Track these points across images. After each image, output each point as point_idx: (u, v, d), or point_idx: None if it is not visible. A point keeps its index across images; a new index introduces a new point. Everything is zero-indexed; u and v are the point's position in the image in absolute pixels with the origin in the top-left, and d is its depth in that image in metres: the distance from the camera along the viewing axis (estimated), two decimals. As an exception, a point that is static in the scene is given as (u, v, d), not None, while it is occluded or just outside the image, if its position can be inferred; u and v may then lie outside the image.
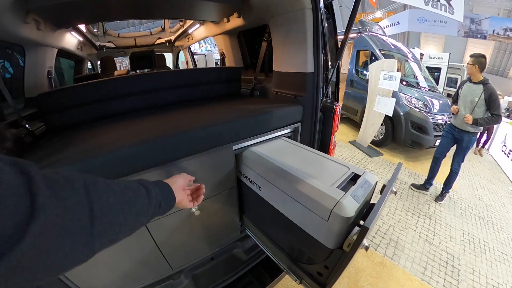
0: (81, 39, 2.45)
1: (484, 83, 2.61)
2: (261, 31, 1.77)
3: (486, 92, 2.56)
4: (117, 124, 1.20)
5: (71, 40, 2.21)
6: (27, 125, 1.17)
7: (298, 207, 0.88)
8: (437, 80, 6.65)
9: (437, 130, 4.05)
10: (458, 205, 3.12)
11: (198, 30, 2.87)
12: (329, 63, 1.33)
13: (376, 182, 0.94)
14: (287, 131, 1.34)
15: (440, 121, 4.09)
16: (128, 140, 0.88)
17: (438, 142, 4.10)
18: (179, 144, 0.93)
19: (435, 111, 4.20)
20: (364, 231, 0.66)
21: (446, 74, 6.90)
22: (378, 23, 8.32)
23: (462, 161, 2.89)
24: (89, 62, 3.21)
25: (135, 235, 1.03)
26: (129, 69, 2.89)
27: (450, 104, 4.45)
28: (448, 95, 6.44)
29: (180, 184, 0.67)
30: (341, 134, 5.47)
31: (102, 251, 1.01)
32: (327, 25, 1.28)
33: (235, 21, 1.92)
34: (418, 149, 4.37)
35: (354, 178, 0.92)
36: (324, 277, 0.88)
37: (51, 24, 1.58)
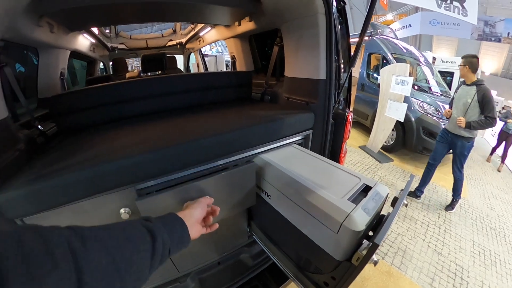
0: (93, 41, 2.49)
1: (477, 84, 2.52)
2: (273, 34, 1.76)
3: (479, 93, 2.46)
4: (128, 129, 1.20)
5: (83, 42, 2.25)
6: (39, 126, 1.20)
7: (308, 217, 0.87)
8: (449, 85, 6.47)
9: (449, 136, 3.95)
10: (469, 214, 3.04)
11: (209, 33, 2.88)
12: (342, 68, 1.31)
13: (388, 194, 0.93)
14: (298, 138, 1.32)
15: (452, 128, 3.98)
16: (140, 146, 0.89)
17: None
18: (189, 151, 0.93)
19: (448, 117, 4.10)
20: (374, 247, 0.65)
21: (459, 78, 6.71)
22: (390, 26, 8.19)
23: (462, 167, 2.78)
24: (101, 63, 3.28)
25: None
26: (140, 71, 2.94)
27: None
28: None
29: (198, 217, 0.61)
30: (351, 139, 5.40)
31: None
32: (339, 29, 1.26)
33: (247, 25, 1.91)
34: (428, 155, 4.28)
35: (366, 189, 0.90)
36: (330, 287, 0.88)
37: (64, 27, 1.61)
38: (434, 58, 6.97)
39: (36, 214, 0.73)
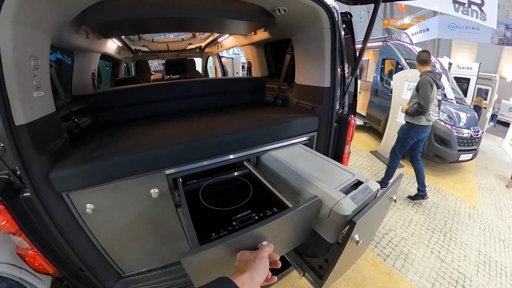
0: (120, 44, 2.74)
1: (420, 75, 2.71)
2: (286, 42, 1.89)
3: (418, 83, 2.68)
4: (155, 125, 1.40)
5: (112, 45, 2.50)
6: (75, 120, 1.40)
7: None
8: (465, 92, 6.28)
9: (462, 144, 3.89)
10: (477, 224, 3.00)
11: (227, 40, 3.08)
12: (346, 76, 1.41)
13: (378, 189, 1.02)
14: (304, 139, 1.46)
15: (466, 135, 3.92)
16: (167, 140, 1.08)
17: (462, 156, 3.97)
18: (209, 145, 1.11)
19: (461, 124, 4.02)
20: (352, 225, 0.75)
21: (476, 85, 6.48)
22: (406, 30, 8.04)
23: (397, 152, 3.14)
24: (124, 64, 3.53)
25: (167, 218, 1.22)
26: (164, 74, 3.16)
27: (477, 117, 4.26)
28: (476, 108, 6.08)
29: (260, 281, 0.51)
30: (363, 143, 5.40)
31: (138, 231, 1.22)
32: (344, 42, 1.37)
33: (262, 34, 2.08)
34: (440, 163, 4.22)
35: (357, 184, 1.02)
36: (324, 270, 0.98)
37: (98, 34, 1.85)
38: (450, 64, 6.77)
39: (79, 190, 0.91)
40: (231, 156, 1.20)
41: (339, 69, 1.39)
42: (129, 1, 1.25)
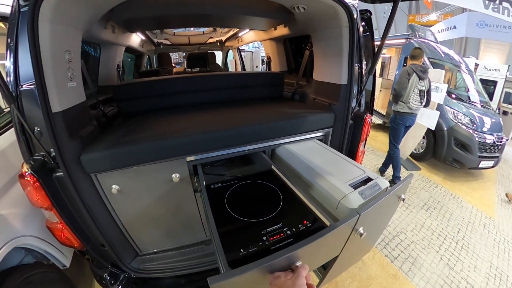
0: (143, 37, 2.84)
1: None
2: (306, 38, 1.90)
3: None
4: (178, 116, 1.49)
5: (135, 39, 2.61)
6: (102, 108, 1.49)
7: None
8: (491, 95, 5.90)
9: (483, 150, 3.71)
10: (492, 235, 2.88)
11: (248, 35, 3.11)
12: (364, 74, 1.40)
13: (387, 187, 1.02)
14: (319, 134, 1.48)
15: (488, 141, 3.73)
16: (190, 130, 1.16)
17: (482, 163, 3.80)
18: (230, 136, 1.18)
19: (485, 129, 3.83)
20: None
21: (503, 88, 6.06)
22: (432, 27, 7.62)
23: (393, 141, 3.39)
24: (147, 56, 3.66)
25: (185, 202, 1.29)
26: (186, 67, 3.27)
27: (502, 123, 4.03)
28: (504, 113, 5.74)
29: None
30: (381, 143, 5.28)
31: (157, 213, 1.31)
32: (363, 39, 1.36)
33: (282, 30, 2.10)
34: (459, 168, 4.06)
35: (367, 180, 1.03)
36: (330, 264, 0.99)
37: (124, 28, 1.95)
38: (476, 65, 6.35)
39: (107, 171, 0.99)
40: (248, 147, 1.27)
41: (356, 67, 1.39)
42: None
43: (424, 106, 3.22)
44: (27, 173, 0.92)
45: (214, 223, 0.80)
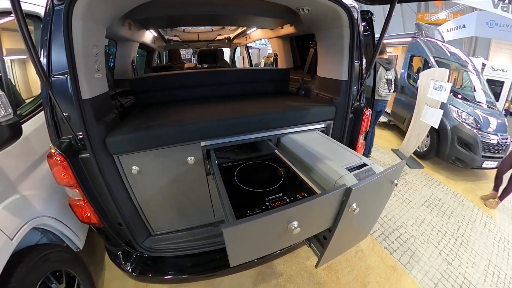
0: (155, 34, 3.00)
1: None
2: (311, 36, 2.00)
3: None
4: (192, 107, 1.63)
5: (148, 36, 2.77)
6: (119, 100, 1.61)
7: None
8: (497, 96, 5.84)
9: (487, 150, 3.72)
10: (492, 234, 2.91)
11: (255, 32, 3.26)
12: (364, 71, 1.50)
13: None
14: (321, 126, 1.60)
15: (493, 141, 3.73)
16: (203, 118, 1.30)
17: (486, 163, 3.80)
18: (240, 124, 1.31)
19: (489, 129, 3.83)
20: (349, 191, 0.80)
21: (510, 89, 5.99)
22: (441, 26, 7.55)
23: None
24: (157, 52, 3.83)
25: (198, 183, 1.44)
26: (196, 63, 3.44)
27: (507, 124, 4.02)
28: (511, 114, 5.67)
29: None
30: (386, 141, 5.31)
31: (171, 193, 1.47)
32: (364, 39, 1.46)
33: (288, 29, 2.23)
34: (462, 168, 4.07)
35: (362, 166, 1.13)
36: (328, 240, 1.07)
37: (140, 26, 2.09)
38: (483, 65, 6.28)
39: (129, 153, 1.13)
40: (256, 135, 1.39)
41: (356, 64, 1.50)
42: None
43: (394, 92, 3.89)
44: (55, 153, 1.03)
45: (224, 188, 0.96)
